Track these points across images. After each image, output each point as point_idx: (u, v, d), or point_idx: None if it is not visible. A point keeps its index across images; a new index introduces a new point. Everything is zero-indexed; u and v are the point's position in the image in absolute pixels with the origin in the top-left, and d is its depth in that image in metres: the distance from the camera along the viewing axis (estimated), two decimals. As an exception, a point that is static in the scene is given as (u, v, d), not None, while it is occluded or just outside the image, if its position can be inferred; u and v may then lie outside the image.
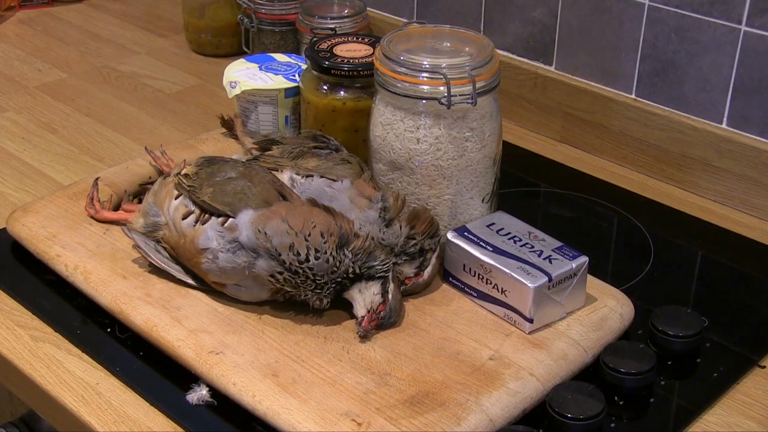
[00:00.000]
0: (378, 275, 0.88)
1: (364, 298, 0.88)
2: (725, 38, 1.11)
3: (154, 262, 0.93)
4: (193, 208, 0.91)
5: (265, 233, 0.86)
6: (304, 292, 0.87)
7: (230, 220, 0.88)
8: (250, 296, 0.90)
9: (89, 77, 1.44)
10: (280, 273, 0.86)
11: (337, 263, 0.86)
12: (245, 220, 0.87)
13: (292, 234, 0.86)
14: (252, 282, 0.88)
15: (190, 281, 0.92)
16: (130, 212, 1.00)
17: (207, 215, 0.89)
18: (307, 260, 0.86)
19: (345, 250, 0.87)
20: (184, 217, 0.91)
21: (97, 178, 1.05)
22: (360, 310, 0.88)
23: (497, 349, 0.87)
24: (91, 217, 1.02)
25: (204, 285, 0.92)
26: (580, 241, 0.95)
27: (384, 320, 0.88)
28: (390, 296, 0.88)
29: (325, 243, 0.86)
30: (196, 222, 0.90)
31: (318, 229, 0.86)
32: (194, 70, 1.47)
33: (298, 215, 0.87)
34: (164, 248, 0.94)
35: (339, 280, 0.87)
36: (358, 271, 0.87)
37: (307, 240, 0.86)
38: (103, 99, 1.38)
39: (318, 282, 0.86)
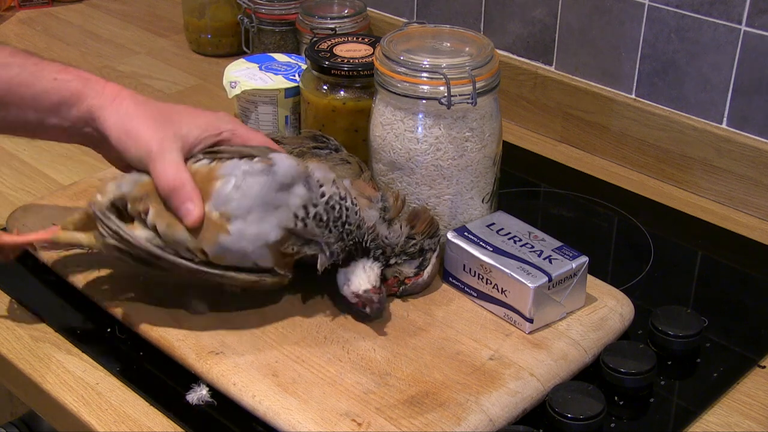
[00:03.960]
0: (378, 258, 0.89)
1: (368, 276, 0.88)
2: (725, 38, 1.11)
3: (130, 238, 0.83)
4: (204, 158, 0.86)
5: (307, 166, 0.86)
6: (324, 238, 0.85)
7: (258, 158, 0.84)
8: (247, 243, 0.83)
9: (89, 77, 1.44)
10: (315, 205, 0.84)
11: (361, 223, 0.87)
12: (282, 156, 0.85)
13: (334, 176, 0.87)
14: (262, 224, 0.82)
15: (172, 257, 0.84)
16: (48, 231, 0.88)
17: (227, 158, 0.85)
18: (345, 200, 0.86)
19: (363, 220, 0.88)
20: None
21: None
22: (362, 284, 0.87)
23: (497, 349, 0.87)
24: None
25: (190, 255, 0.84)
26: (580, 241, 0.95)
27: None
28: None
29: (355, 202, 0.87)
30: (212, 161, 0.85)
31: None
32: (194, 70, 1.47)
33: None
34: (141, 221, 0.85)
35: (356, 241, 0.87)
36: (367, 245, 0.88)
37: (345, 188, 0.87)
38: (103, 99, 1.37)
39: (345, 228, 0.86)
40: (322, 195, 0.85)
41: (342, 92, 1.06)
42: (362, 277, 0.88)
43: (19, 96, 0.87)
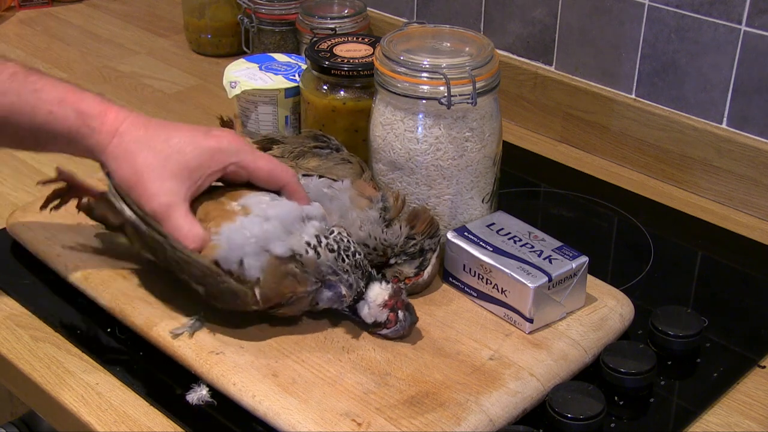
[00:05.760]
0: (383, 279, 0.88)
1: (386, 288, 0.87)
2: (725, 38, 1.11)
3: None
4: None
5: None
6: (339, 266, 0.85)
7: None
8: (250, 236, 0.85)
9: (89, 77, 1.44)
10: (326, 236, 0.86)
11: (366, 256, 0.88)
12: (316, 205, 0.89)
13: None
14: (272, 233, 0.85)
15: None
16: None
17: None
18: (352, 236, 0.88)
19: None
20: None
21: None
22: (385, 294, 0.87)
23: (497, 349, 0.87)
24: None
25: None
26: (580, 241, 0.95)
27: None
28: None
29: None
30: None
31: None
32: (194, 70, 1.47)
33: None
34: None
35: (368, 271, 0.87)
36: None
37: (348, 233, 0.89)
38: (103, 99, 1.37)
39: (356, 259, 0.86)
40: (331, 232, 0.87)
41: (342, 92, 1.06)
42: (381, 291, 0.86)
43: (16, 125, 0.86)
